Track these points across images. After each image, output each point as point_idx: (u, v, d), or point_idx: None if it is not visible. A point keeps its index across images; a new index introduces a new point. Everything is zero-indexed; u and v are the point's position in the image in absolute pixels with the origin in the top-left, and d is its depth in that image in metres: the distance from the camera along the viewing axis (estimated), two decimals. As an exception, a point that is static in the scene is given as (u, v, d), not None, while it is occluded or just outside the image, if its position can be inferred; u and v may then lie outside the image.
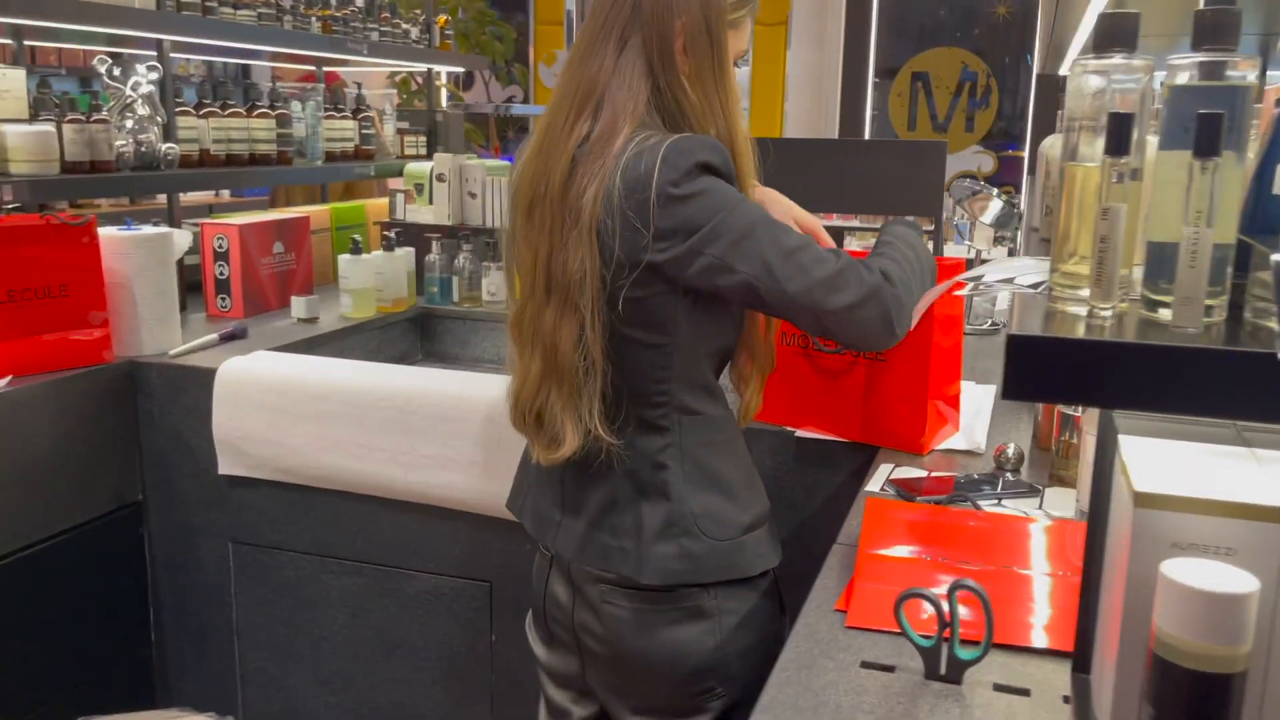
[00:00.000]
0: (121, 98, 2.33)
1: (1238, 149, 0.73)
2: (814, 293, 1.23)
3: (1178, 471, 0.76)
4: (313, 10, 2.99)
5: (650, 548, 1.32)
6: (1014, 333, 0.70)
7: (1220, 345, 0.65)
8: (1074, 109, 0.79)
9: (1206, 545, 0.71)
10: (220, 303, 2.50)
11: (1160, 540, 0.72)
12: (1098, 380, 0.68)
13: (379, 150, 3.28)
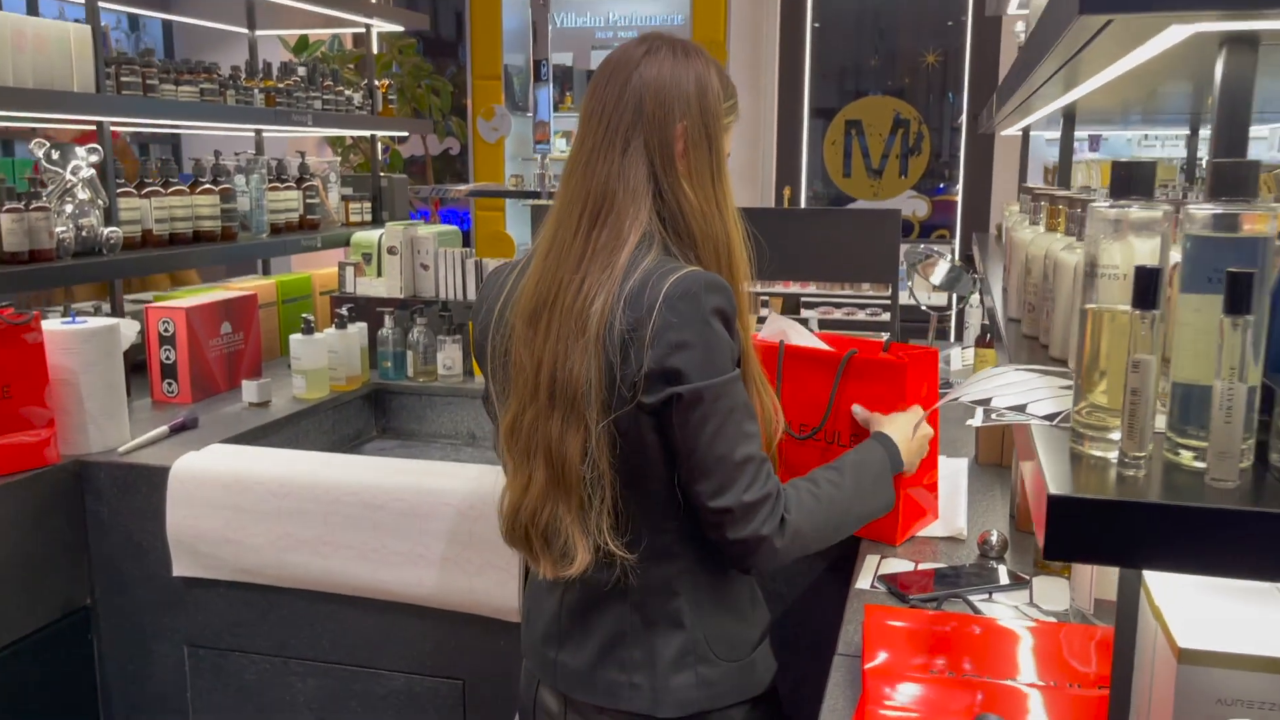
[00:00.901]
0: (61, 182, 2.25)
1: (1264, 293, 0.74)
2: (718, 512, 1.24)
3: (1218, 622, 0.76)
4: (254, 82, 2.93)
5: (666, 680, 1.30)
6: (1054, 493, 0.69)
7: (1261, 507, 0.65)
8: (1090, 253, 0.79)
9: (1254, 701, 0.71)
10: (167, 388, 2.42)
11: (1206, 697, 0.72)
12: (1140, 543, 0.67)
13: (324, 220, 3.22)
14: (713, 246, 1.34)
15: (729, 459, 1.24)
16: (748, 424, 1.27)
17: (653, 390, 1.23)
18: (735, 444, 1.24)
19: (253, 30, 3.46)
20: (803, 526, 1.28)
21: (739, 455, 1.24)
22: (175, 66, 2.66)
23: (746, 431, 1.26)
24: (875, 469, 1.42)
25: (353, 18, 3.42)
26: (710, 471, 1.24)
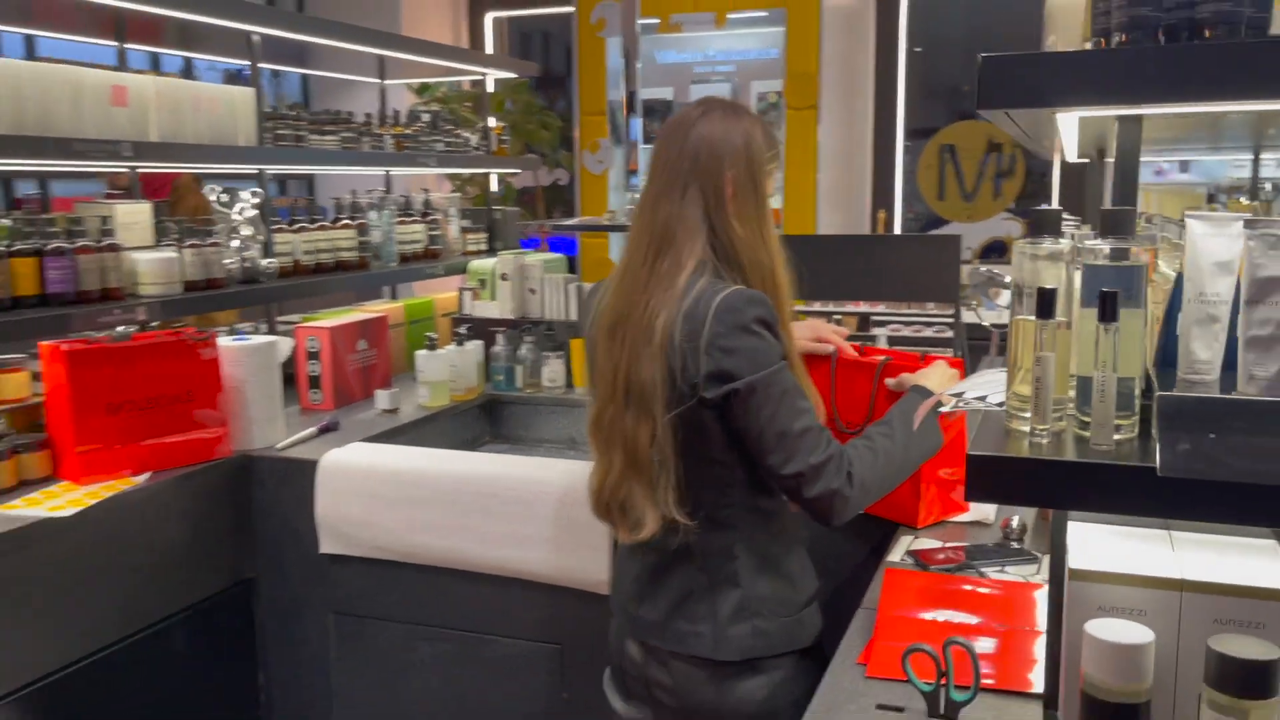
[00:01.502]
0: (229, 221, 2.67)
1: (1138, 306, 0.98)
2: (791, 477, 1.51)
3: (1105, 552, 1.01)
4: (385, 129, 3.33)
5: (725, 630, 1.58)
6: (971, 452, 0.95)
7: (1116, 461, 0.90)
8: (1017, 278, 1.05)
9: (1122, 608, 0.96)
10: (313, 396, 2.80)
11: (1088, 605, 0.97)
12: (1033, 489, 0.93)
13: (445, 249, 3.60)
14: (758, 271, 1.62)
15: (790, 432, 1.51)
16: (800, 401, 1.54)
17: (712, 388, 1.52)
18: (792, 419, 1.52)
19: (383, 80, 3.89)
20: (867, 477, 1.54)
21: (798, 427, 1.52)
22: (319, 118, 3.07)
23: (800, 408, 1.54)
24: (910, 424, 1.68)
25: (472, 68, 3.81)
26: (776, 446, 1.52)
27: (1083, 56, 0.90)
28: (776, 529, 1.65)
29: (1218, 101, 0.90)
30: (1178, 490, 0.86)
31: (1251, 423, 0.87)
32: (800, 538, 1.70)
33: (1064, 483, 0.91)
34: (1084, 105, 0.93)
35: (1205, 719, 0.88)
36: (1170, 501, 0.87)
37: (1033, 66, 0.91)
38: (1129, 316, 0.98)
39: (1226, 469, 0.85)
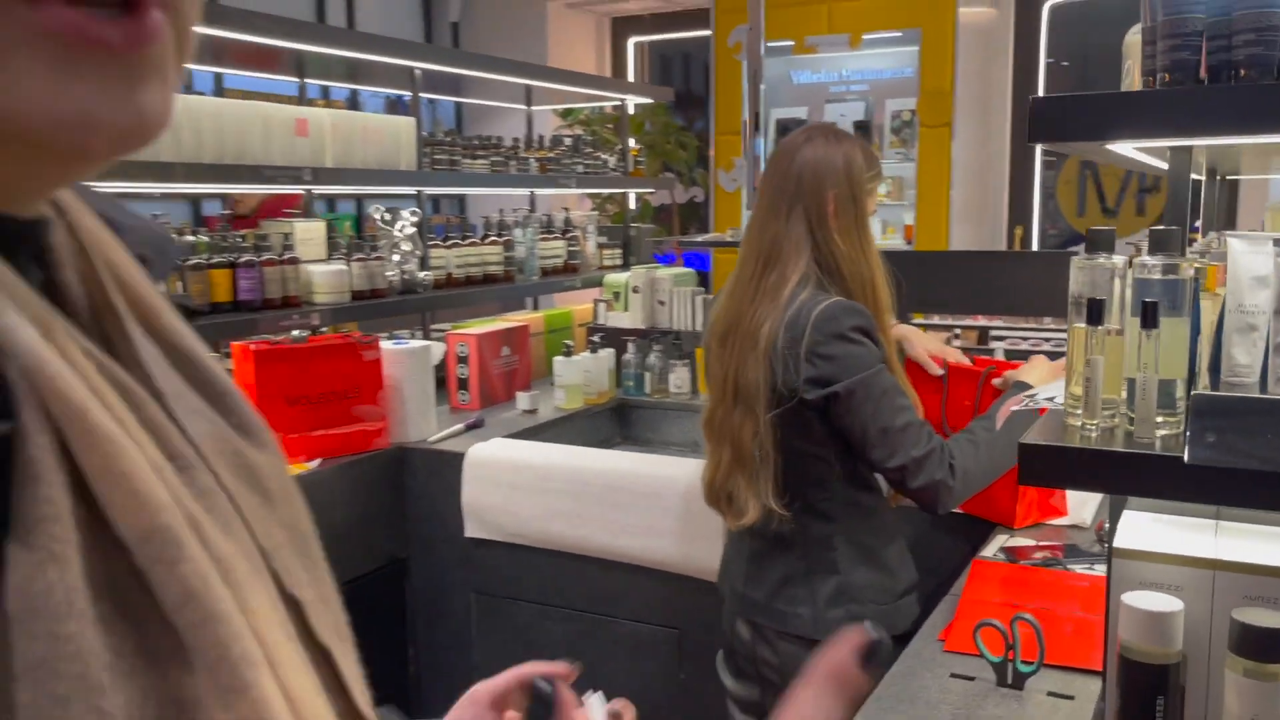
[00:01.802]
0: (391, 237, 2.97)
1: (1182, 315, 1.10)
2: (895, 470, 1.65)
3: (1150, 535, 1.13)
4: (530, 152, 3.60)
5: (824, 613, 1.74)
6: (1022, 441, 1.09)
7: (1148, 451, 1.02)
8: (1075, 290, 1.18)
9: (1161, 584, 1.07)
10: (461, 396, 3.07)
11: (1131, 581, 1.09)
12: (1074, 474, 1.06)
13: (583, 264, 3.84)
14: (859, 282, 1.77)
15: (891, 428, 1.66)
16: (899, 399, 1.69)
17: (813, 391, 1.68)
18: (893, 416, 1.67)
19: (529, 106, 4.18)
20: (969, 467, 1.68)
21: (899, 423, 1.66)
22: (471, 143, 3.36)
23: (900, 405, 1.68)
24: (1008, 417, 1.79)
25: (612, 95, 4.06)
26: (879, 442, 1.67)
27: (1117, 98, 1.03)
28: (876, 523, 1.79)
29: (1248, 135, 1.01)
30: (1203, 477, 0.98)
31: (1273, 418, 0.98)
32: (901, 532, 1.84)
33: (1101, 469, 1.04)
34: (1123, 140, 1.06)
35: (1228, 681, 0.99)
36: (1195, 487, 0.99)
37: (1076, 107, 1.04)
38: (1174, 325, 1.10)
39: (1247, 459, 0.97)
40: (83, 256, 0.39)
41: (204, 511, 0.35)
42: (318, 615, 0.44)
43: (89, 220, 0.41)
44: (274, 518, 0.43)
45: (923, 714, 1.24)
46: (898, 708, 1.27)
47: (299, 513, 0.46)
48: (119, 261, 0.41)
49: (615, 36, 8.03)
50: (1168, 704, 1.02)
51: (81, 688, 0.28)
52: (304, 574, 0.44)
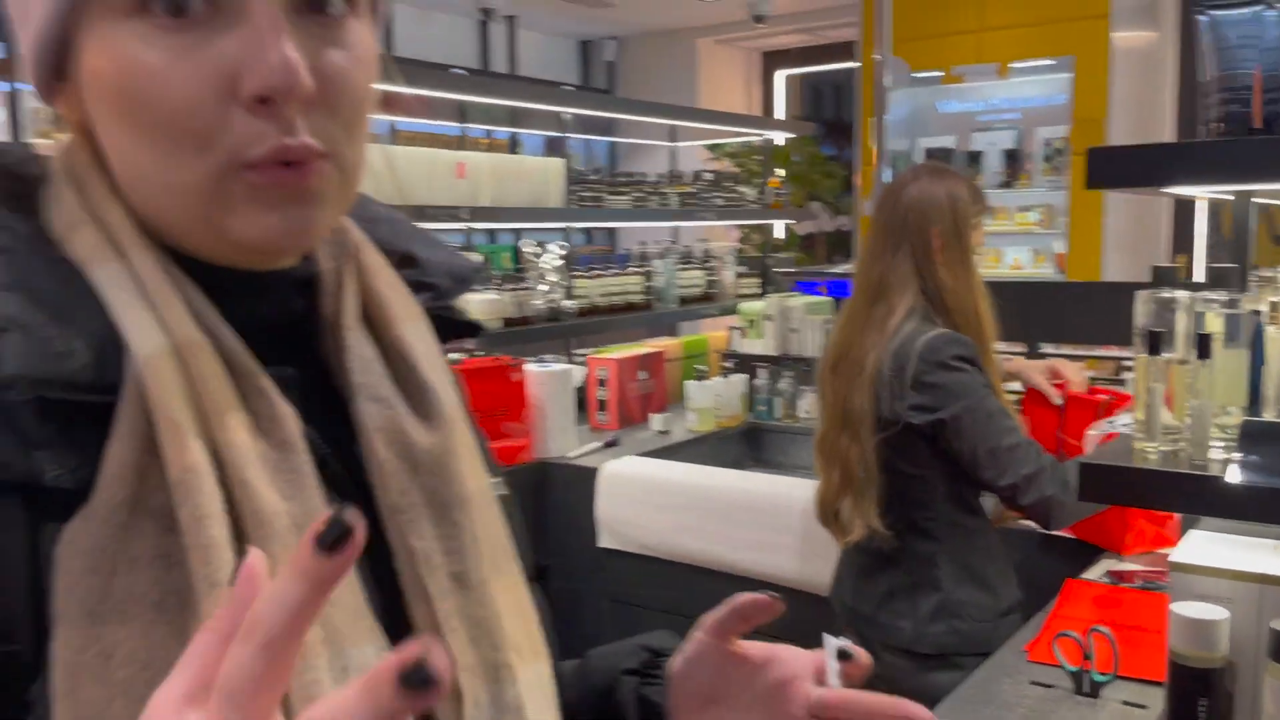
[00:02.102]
0: (538, 269, 3.21)
1: (1240, 347, 1.18)
2: (1007, 488, 1.74)
3: (1208, 551, 1.21)
4: (671, 188, 3.81)
5: (925, 627, 1.84)
6: (1083, 461, 1.19)
7: (1191, 470, 1.10)
8: (1140, 324, 1.27)
9: (1213, 596, 1.15)
10: (599, 417, 3.28)
11: (1187, 593, 1.17)
12: (1128, 491, 1.15)
13: (720, 293, 4.01)
14: (964, 314, 1.87)
15: (999, 448, 1.76)
16: (1005, 421, 1.78)
17: (919, 417, 1.79)
18: (1000, 437, 1.76)
19: (673, 143, 4.39)
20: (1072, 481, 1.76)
21: (1006, 443, 1.76)
22: (616, 180, 3.58)
23: (1006, 426, 1.77)
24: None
25: (755, 131, 4.23)
26: (989, 463, 1.77)
27: (1169, 149, 1.13)
28: (980, 544, 1.88)
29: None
30: (1243, 497, 1.06)
31: (1312, 443, 1.06)
32: (1006, 554, 1.92)
33: (1149, 487, 1.13)
34: (1176, 186, 1.15)
35: (1267, 687, 1.06)
36: (1236, 506, 1.07)
37: (1131, 157, 1.14)
38: (1232, 356, 1.18)
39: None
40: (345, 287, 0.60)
41: (269, 476, 0.52)
42: (428, 562, 0.57)
43: (372, 258, 0.63)
44: (415, 483, 0.58)
45: (997, 715, 1.34)
46: (973, 709, 1.37)
47: (450, 481, 0.59)
48: (379, 289, 0.62)
49: (765, 69, 8.20)
50: (1211, 706, 1.10)
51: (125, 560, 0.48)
52: (432, 528, 0.58)
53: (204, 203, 0.52)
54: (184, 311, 0.53)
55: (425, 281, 0.67)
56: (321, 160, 0.53)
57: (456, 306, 0.70)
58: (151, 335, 0.51)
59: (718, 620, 0.69)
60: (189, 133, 0.51)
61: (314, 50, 0.52)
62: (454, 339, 0.70)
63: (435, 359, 0.63)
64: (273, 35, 0.50)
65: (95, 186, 0.56)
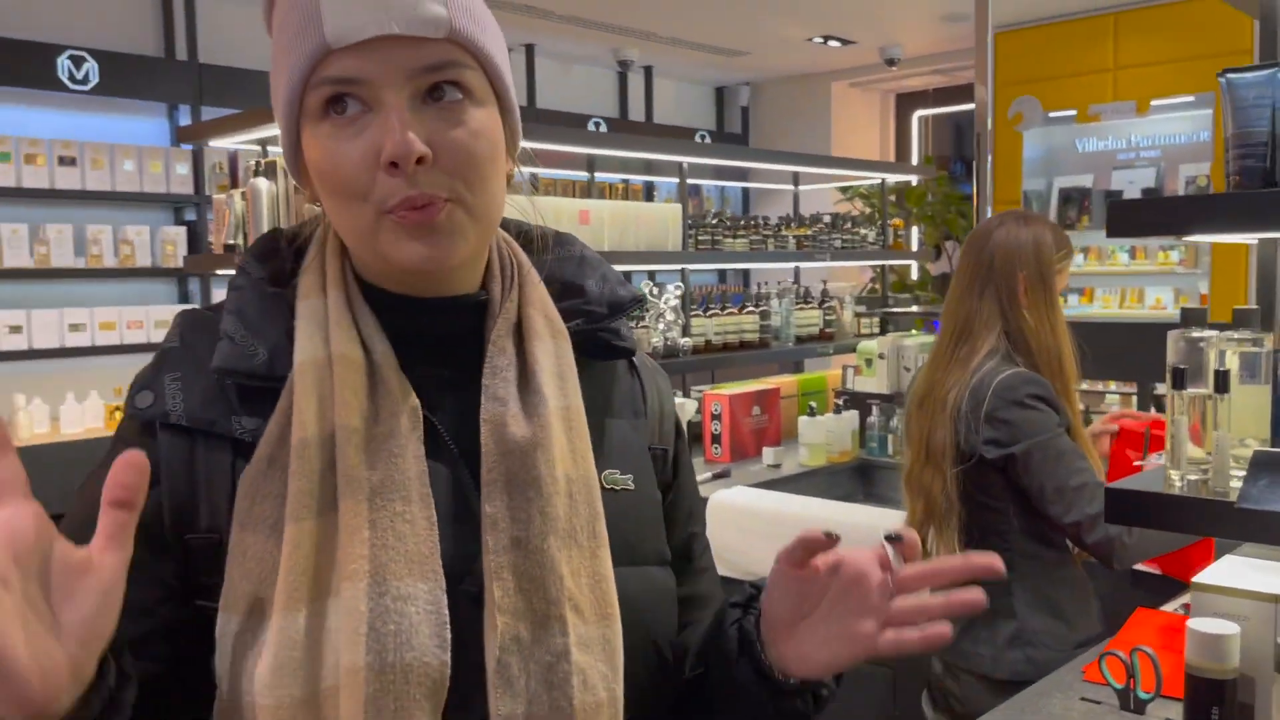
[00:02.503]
0: (657, 308, 3.42)
1: (1259, 383, 1.26)
2: (1071, 525, 1.82)
3: (1231, 574, 1.29)
4: (789, 230, 3.96)
5: (1002, 654, 1.93)
6: (1111, 486, 1.29)
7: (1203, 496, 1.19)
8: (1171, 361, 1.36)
9: (1231, 614, 1.24)
10: (714, 450, 3.44)
11: (1208, 611, 1.26)
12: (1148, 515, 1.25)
13: (838, 332, 4.12)
14: (1045, 356, 1.96)
15: (1066, 487, 1.84)
16: (1078, 461, 1.86)
17: (993, 451, 1.89)
18: (1069, 476, 1.84)
19: (796, 187, 4.55)
20: (1146, 528, 1.83)
21: (1074, 483, 1.84)
22: (734, 224, 3.76)
23: (1077, 467, 1.85)
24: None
25: (872, 175, 4.35)
26: (1056, 499, 1.85)
27: (1179, 201, 1.24)
28: (1057, 576, 1.96)
29: None
30: (1250, 519, 1.15)
31: (1315, 472, 1.14)
32: (1085, 586, 1.99)
33: (1166, 511, 1.23)
34: (1192, 235, 1.25)
35: (1275, 696, 1.14)
36: (1244, 527, 1.16)
37: (1146, 208, 1.25)
38: (1251, 392, 1.27)
39: (1288, 505, 1.13)
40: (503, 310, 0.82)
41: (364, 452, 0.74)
42: (494, 525, 0.75)
43: (534, 289, 0.85)
44: (502, 464, 0.77)
45: (1038, 723, 1.44)
46: (1018, 715, 1.47)
47: (531, 466, 0.77)
48: (529, 313, 0.83)
49: (899, 113, 8.26)
50: (1223, 714, 1.18)
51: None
52: (505, 499, 0.76)
53: (370, 238, 0.76)
54: (348, 333, 0.78)
55: (585, 309, 0.87)
56: (444, 204, 0.75)
57: (612, 329, 0.89)
58: (308, 349, 0.77)
59: (789, 551, 0.79)
60: (354, 192, 0.74)
61: (433, 128, 0.75)
62: (612, 357, 0.89)
63: (561, 370, 0.82)
64: (398, 122, 0.73)
65: (330, 244, 0.83)
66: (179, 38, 5.18)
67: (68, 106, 4.86)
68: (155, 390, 0.78)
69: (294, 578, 0.71)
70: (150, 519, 0.70)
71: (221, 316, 0.80)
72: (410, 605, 0.71)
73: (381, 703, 0.69)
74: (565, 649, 0.75)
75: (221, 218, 3.01)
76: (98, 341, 4.68)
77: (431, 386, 0.79)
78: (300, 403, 0.75)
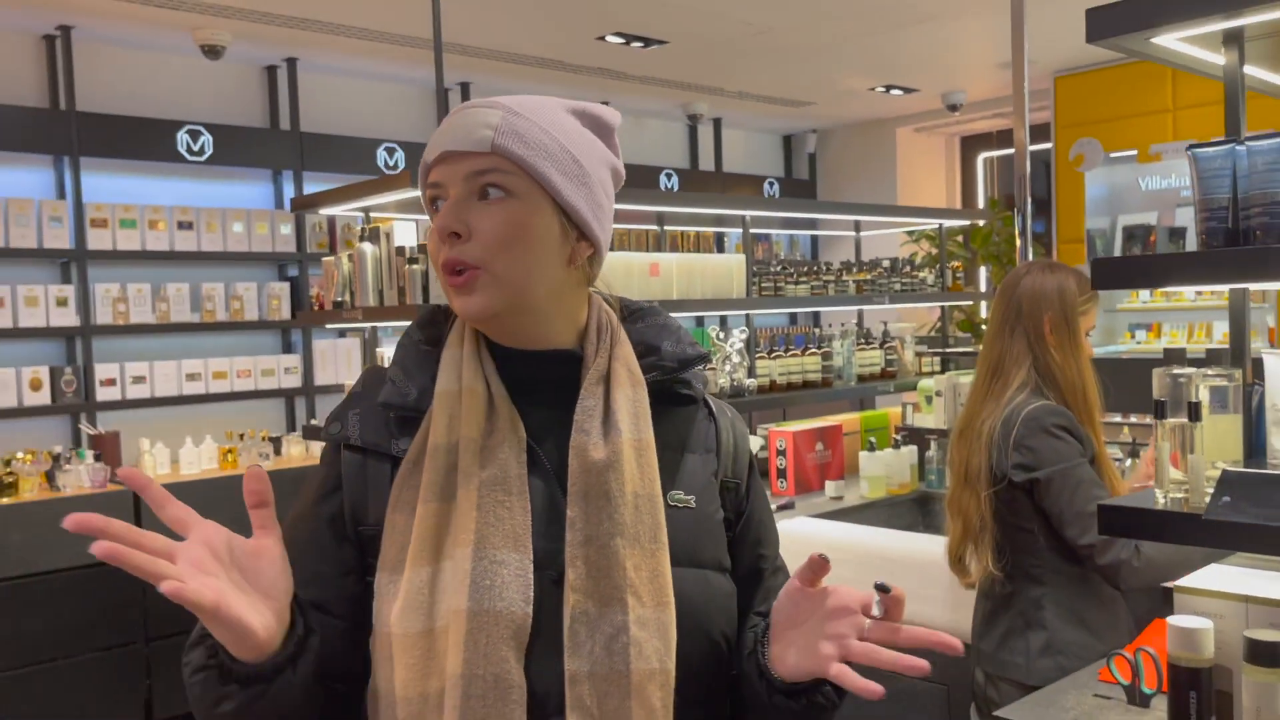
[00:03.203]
0: (724, 351, 3.67)
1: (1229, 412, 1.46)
2: (1085, 547, 2.02)
3: (1211, 578, 1.49)
4: (850, 275, 4.19)
5: (1035, 663, 2.12)
6: (1102, 503, 1.50)
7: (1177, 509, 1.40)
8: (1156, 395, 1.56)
9: (1208, 613, 1.43)
10: (779, 483, 3.66)
11: (1187, 610, 1.46)
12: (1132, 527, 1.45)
13: (900, 371, 4.32)
14: (1071, 389, 2.17)
15: (1084, 512, 2.04)
16: (1094, 490, 2.06)
17: (1020, 474, 2.10)
18: (1086, 503, 2.04)
19: (858, 233, 4.78)
20: (1154, 555, 2.00)
21: (1090, 509, 2.03)
22: (796, 268, 4.00)
23: (1094, 495, 2.05)
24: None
25: (928, 221, 4.55)
26: (1074, 521, 2.05)
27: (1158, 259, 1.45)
28: (1087, 590, 2.14)
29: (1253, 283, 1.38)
30: (1216, 529, 1.35)
31: (1270, 486, 1.34)
32: (1115, 601, 2.17)
33: (1147, 523, 1.43)
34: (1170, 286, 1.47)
35: (1244, 684, 1.34)
36: (1211, 536, 1.36)
37: (1127, 264, 1.47)
38: (1221, 420, 1.47)
39: (1247, 515, 1.33)
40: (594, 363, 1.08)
41: (479, 456, 1.00)
42: (572, 525, 1.00)
43: (622, 348, 1.10)
44: (582, 479, 1.01)
45: (1051, 714, 1.64)
46: (1034, 710, 1.66)
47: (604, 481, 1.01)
48: (615, 366, 1.08)
49: (964, 152, 8.42)
50: (1200, 699, 1.38)
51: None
52: (583, 505, 1.00)
53: (444, 293, 1.05)
54: (475, 372, 1.05)
55: (660, 364, 1.12)
56: (474, 271, 1.02)
57: (683, 380, 1.13)
58: (445, 383, 1.05)
59: (801, 571, 1.01)
60: (434, 259, 1.04)
61: (476, 217, 1.03)
62: (683, 404, 1.13)
63: (637, 411, 1.06)
64: (449, 208, 1.03)
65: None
66: (283, 109, 5.64)
67: (186, 176, 5.33)
68: (342, 421, 1.07)
69: (421, 543, 0.97)
70: (335, 514, 1.01)
71: (390, 369, 1.09)
72: (504, 569, 0.96)
73: (477, 638, 0.93)
74: (625, 625, 0.96)
75: (330, 277, 3.36)
76: (211, 389, 5.11)
77: (536, 419, 1.06)
78: (436, 420, 1.02)
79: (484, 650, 0.93)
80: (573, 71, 5.89)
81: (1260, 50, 1.66)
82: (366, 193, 3.24)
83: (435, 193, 1.04)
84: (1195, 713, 1.38)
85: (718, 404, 1.18)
